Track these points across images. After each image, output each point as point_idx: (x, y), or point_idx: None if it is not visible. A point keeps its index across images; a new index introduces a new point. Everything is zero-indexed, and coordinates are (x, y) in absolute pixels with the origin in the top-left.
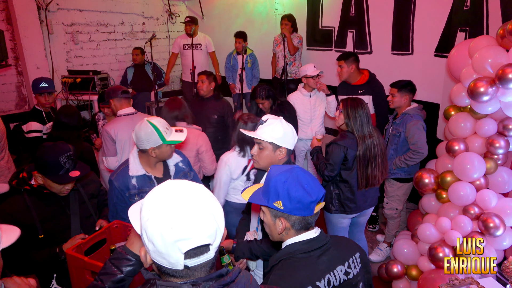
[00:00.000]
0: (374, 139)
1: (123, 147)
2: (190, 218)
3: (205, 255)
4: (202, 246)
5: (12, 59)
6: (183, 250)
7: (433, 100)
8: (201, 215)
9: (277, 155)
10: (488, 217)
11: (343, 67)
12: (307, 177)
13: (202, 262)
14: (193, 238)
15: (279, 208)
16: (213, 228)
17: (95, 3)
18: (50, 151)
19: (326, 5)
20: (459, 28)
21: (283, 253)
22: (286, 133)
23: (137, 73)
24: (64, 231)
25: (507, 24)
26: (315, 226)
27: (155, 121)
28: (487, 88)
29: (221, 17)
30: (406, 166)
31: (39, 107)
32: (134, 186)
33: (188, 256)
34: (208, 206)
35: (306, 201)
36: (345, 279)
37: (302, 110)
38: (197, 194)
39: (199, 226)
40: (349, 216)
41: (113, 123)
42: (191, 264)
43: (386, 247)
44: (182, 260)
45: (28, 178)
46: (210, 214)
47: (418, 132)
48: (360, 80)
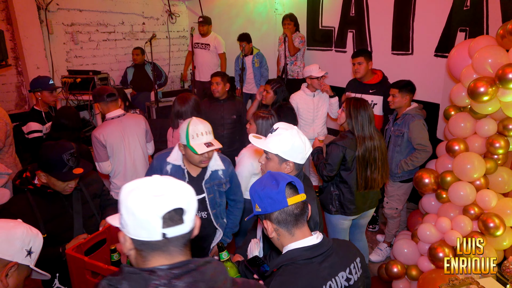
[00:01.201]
0: (375, 142)
1: (114, 151)
2: (166, 184)
3: (181, 226)
4: (177, 210)
5: (12, 59)
6: (160, 213)
7: (433, 100)
8: (176, 186)
9: (283, 168)
10: (488, 217)
11: (361, 64)
12: (273, 176)
13: (178, 234)
14: (167, 196)
15: (259, 211)
16: (185, 196)
17: (95, 3)
18: (53, 149)
19: (326, 5)
20: (459, 28)
21: (284, 258)
22: (295, 146)
23: (137, 73)
24: (67, 230)
25: (507, 24)
26: (317, 231)
27: (194, 122)
28: (487, 88)
29: (221, 17)
30: (413, 167)
31: (38, 108)
32: (166, 172)
33: (165, 224)
34: (183, 188)
35: (272, 194)
36: (346, 285)
37: (305, 110)
38: (175, 180)
39: (173, 190)
40: (350, 217)
41: (101, 128)
42: (168, 233)
43: (386, 247)
44: (160, 226)
45: (31, 177)
46: (184, 189)
47: (422, 131)
48: (373, 80)
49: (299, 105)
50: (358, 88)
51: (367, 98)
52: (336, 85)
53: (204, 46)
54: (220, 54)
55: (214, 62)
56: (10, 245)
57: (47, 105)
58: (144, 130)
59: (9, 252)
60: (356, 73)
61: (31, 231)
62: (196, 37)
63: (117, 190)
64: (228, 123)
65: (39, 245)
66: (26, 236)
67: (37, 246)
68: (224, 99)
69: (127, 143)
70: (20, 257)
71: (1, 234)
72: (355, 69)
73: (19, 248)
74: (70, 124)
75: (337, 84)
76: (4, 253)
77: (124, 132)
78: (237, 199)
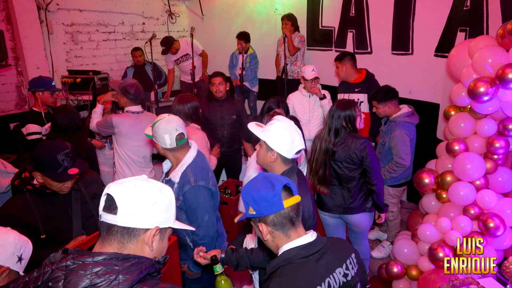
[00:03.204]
0: (325, 143)
1: (123, 140)
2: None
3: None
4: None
5: (12, 59)
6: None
7: (433, 100)
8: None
9: (269, 157)
10: (488, 217)
11: (338, 68)
12: (267, 178)
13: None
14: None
15: (252, 214)
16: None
17: (95, 3)
18: (47, 149)
19: (326, 5)
20: (459, 28)
21: (281, 259)
22: (280, 137)
23: (137, 73)
24: (66, 231)
25: (507, 24)
26: (311, 230)
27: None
28: (487, 88)
29: (221, 17)
30: (390, 177)
31: (37, 108)
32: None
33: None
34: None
35: (268, 197)
36: (344, 281)
37: (301, 110)
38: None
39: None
40: (327, 213)
41: (119, 116)
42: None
43: (389, 244)
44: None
45: (30, 178)
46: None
47: (400, 143)
48: (357, 79)
49: (295, 105)
50: (346, 88)
51: (353, 97)
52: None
53: (185, 57)
54: (201, 54)
55: (199, 62)
56: (4, 250)
57: (47, 106)
58: None
59: (2, 257)
60: (336, 76)
61: (22, 238)
62: (172, 56)
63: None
64: (228, 123)
65: (29, 252)
66: (18, 242)
67: (27, 253)
68: (223, 100)
69: (139, 138)
70: (12, 262)
71: None
72: (335, 73)
73: (11, 254)
74: (68, 123)
75: (337, 84)
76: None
77: (138, 127)
78: (196, 232)
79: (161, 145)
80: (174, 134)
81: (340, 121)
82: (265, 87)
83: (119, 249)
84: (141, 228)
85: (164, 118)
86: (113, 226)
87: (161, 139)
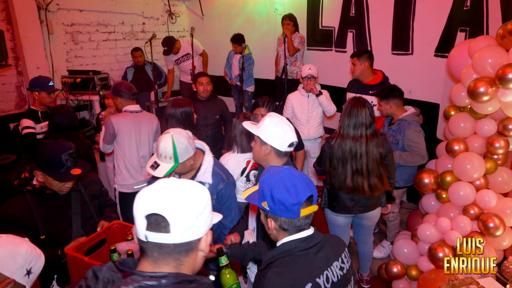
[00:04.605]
0: (358, 145)
1: (123, 141)
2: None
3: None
4: (159, 217)
5: (12, 59)
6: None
7: (433, 100)
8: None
9: (263, 151)
10: (488, 217)
11: (355, 65)
12: (294, 180)
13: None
14: (148, 200)
15: (265, 209)
16: (170, 205)
17: (95, 3)
18: (51, 149)
19: (326, 5)
20: (459, 28)
21: (280, 251)
22: (272, 131)
23: (137, 73)
24: (65, 232)
25: (507, 24)
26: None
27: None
28: (487, 88)
29: (221, 17)
30: (404, 164)
31: (35, 107)
32: None
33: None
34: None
35: (288, 203)
36: (341, 274)
37: (300, 110)
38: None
39: (158, 195)
40: (340, 215)
41: (118, 116)
42: (149, 236)
43: (389, 244)
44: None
45: (30, 178)
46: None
47: (418, 138)
48: (373, 80)
49: (294, 105)
50: (358, 88)
51: (367, 99)
52: (336, 85)
53: (186, 57)
54: (201, 54)
55: (200, 62)
56: (13, 261)
57: (45, 106)
58: (154, 130)
59: (10, 268)
60: (351, 73)
61: (35, 251)
62: (172, 56)
63: (121, 182)
64: (211, 123)
65: (39, 267)
66: (29, 255)
67: (38, 268)
68: (206, 100)
69: (138, 138)
70: (19, 275)
71: (7, 248)
72: (350, 70)
73: (20, 266)
74: (65, 123)
75: (337, 84)
76: (5, 269)
77: (137, 126)
78: (225, 224)
79: (189, 162)
80: (191, 143)
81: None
82: (265, 87)
83: (177, 267)
84: (198, 238)
85: (170, 138)
86: (167, 245)
87: (186, 156)
